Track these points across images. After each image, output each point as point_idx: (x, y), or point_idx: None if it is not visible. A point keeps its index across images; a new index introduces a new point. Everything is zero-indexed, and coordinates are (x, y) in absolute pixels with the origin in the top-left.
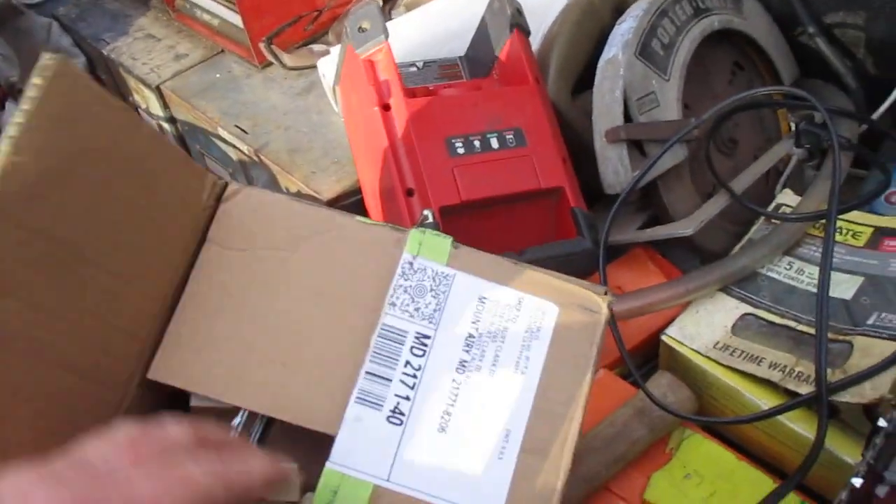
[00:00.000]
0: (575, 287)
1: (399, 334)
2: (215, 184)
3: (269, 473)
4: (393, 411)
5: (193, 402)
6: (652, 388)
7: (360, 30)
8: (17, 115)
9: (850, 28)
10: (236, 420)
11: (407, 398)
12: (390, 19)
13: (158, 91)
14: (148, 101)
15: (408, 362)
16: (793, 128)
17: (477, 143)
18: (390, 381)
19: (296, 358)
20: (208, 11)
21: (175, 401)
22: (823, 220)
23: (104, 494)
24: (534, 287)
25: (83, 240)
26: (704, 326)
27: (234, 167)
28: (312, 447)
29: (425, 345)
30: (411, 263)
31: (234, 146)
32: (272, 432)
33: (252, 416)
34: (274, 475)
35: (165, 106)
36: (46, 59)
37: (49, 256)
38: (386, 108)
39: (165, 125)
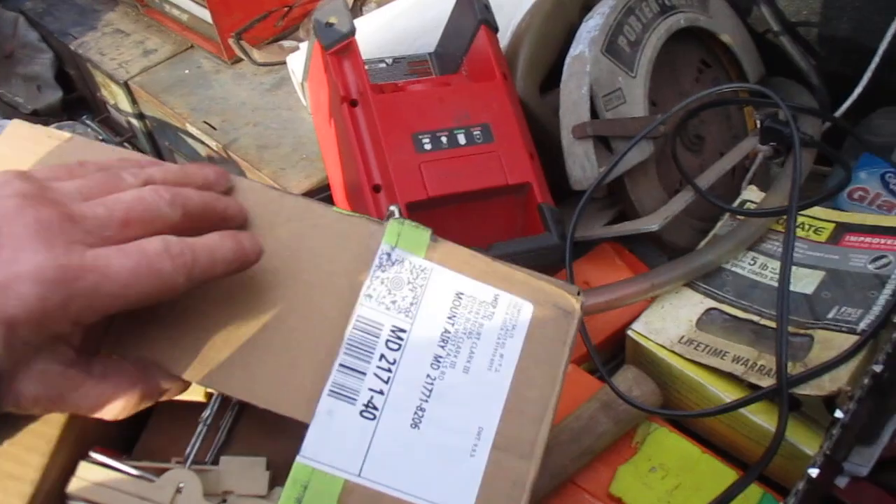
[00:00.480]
0: (549, 286)
1: (374, 327)
2: None
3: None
4: (366, 405)
5: None
6: (618, 382)
7: (328, 25)
8: None
9: (813, 26)
10: (205, 413)
11: (381, 392)
12: (361, 15)
13: (126, 87)
14: (116, 97)
15: (382, 356)
16: (758, 125)
17: (444, 139)
18: (364, 374)
19: (268, 342)
20: (177, 6)
21: None
22: (785, 216)
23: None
24: (510, 284)
25: None
26: (670, 321)
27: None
28: (281, 442)
29: (401, 339)
30: (389, 254)
31: (202, 142)
32: (241, 426)
33: (222, 407)
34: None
35: (134, 102)
36: None
37: None
38: (353, 103)
39: (134, 121)
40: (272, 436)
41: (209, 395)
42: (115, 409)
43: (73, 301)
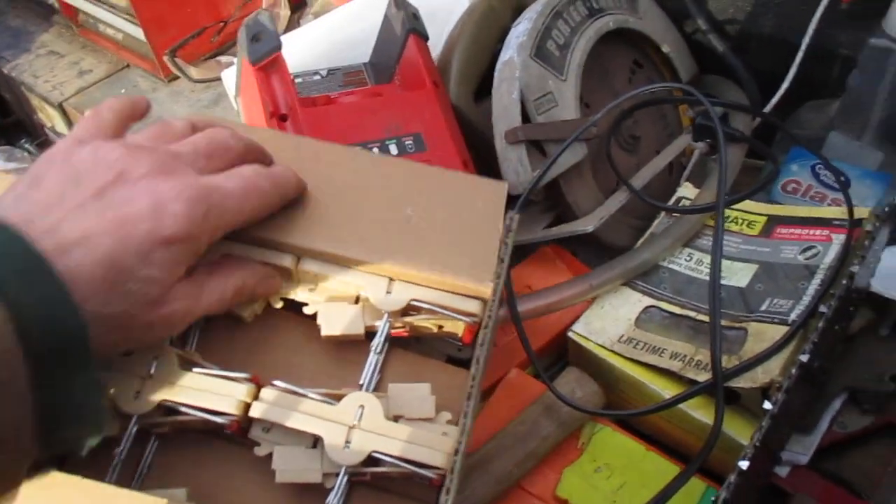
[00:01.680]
0: None
1: None
2: None
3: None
4: None
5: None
6: (560, 384)
7: (254, 39)
8: None
9: (740, 24)
10: (118, 448)
11: None
12: (299, 27)
13: (62, 109)
14: (53, 120)
15: None
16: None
17: (376, 151)
18: None
19: None
20: (112, 26)
21: None
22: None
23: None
24: None
25: None
26: (609, 321)
27: None
28: (205, 472)
29: None
30: None
31: None
32: (162, 458)
33: (140, 439)
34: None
35: (70, 124)
36: None
37: None
38: (282, 118)
39: None
40: (195, 466)
41: (123, 429)
42: (228, 295)
43: (209, 215)
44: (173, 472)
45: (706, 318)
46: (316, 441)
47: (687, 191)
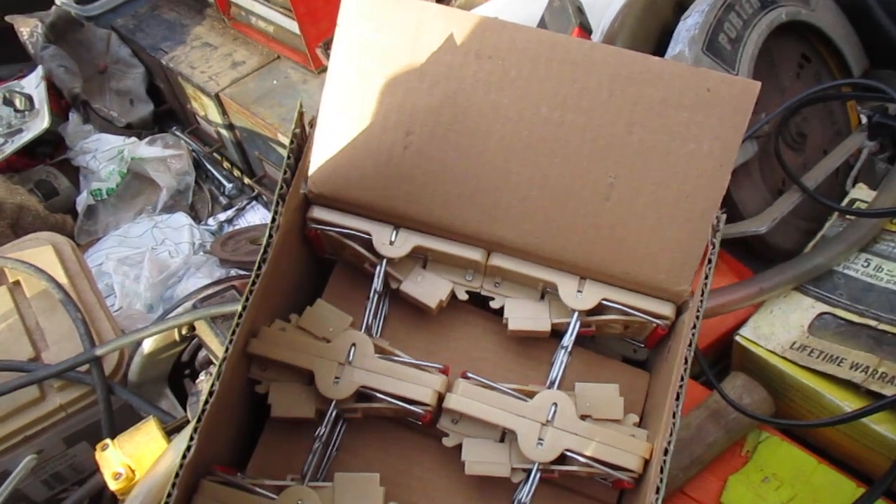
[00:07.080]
0: None
1: None
2: None
3: None
4: None
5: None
6: (726, 389)
7: None
8: None
9: None
10: (320, 430)
11: None
12: None
13: (217, 99)
14: (206, 109)
15: None
16: (863, 120)
17: None
18: None
19: None
20: (263, 18)
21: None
22: None
23: None
24: None
25: None
26: (779, 326)
27: None
28: (392, 456)
29: None
30: None
31: None
32: (350, 441)
33: (333, 424)
34: None
35: (224, 113)
36: None
37: None
38: None
39: (224, 132)
40: (380, 452)
41: (320, 414)
42: None
43: None
44: (360, 456)
45: (889, 328)
46: (503, 435)
47: (861, 192)
